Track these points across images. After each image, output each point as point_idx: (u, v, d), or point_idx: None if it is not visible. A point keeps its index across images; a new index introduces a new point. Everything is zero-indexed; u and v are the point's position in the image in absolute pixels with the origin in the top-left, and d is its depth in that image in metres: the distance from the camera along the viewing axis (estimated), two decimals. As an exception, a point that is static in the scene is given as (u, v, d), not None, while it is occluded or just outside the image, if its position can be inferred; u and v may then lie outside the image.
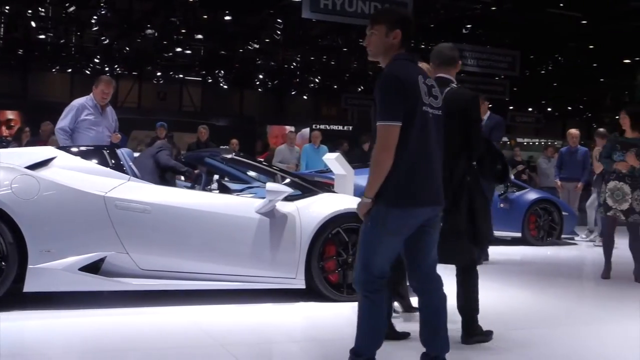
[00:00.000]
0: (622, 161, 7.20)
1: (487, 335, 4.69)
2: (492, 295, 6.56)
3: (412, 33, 3.58)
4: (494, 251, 9.19)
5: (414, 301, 4.03)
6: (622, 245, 7.82)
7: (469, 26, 19.70)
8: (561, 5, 18.57)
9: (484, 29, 21.45)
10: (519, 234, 10.29)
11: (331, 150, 12.09)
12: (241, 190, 6.84)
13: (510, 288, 6.83)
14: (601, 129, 11.16)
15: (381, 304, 3.55)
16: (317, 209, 5.75)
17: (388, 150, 3.41)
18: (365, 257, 3.50)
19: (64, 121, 7.15)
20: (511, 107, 29.89)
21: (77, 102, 7.32)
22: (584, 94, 29.96)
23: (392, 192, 3.43)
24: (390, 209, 3.46)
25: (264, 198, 5.61)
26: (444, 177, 4.40)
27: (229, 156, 6.49)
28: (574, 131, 11.95)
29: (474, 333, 4.62)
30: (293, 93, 31.88)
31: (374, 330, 3.56)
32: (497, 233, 10.05)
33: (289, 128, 24.16)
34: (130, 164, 5.88)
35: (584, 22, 19.33)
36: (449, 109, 4.44)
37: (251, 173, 7.31)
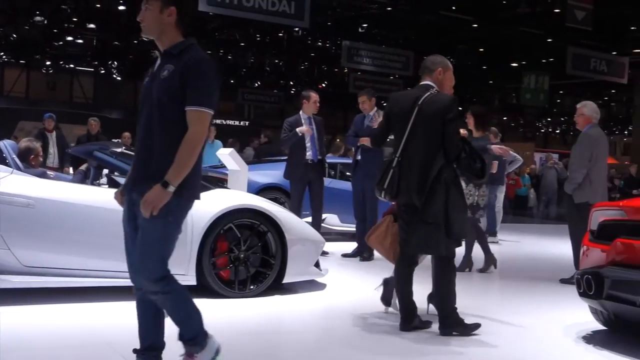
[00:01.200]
0: None
1: (467, 328, 4.84)
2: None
3: (188, 13, 3.44)
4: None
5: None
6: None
7: (365, 25, 19.99)
8: (454, 8, 19.12)
9: (380, 29, 21.82)
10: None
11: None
12: (132, 185, 6.67)
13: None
14: (493, 128, 11.54)
15: (184, 288, 3.46)
16: (209, 204, 5.67)
17: (204, 138, 3.30)
18: (165, 252, 3.33)
19: None
20: (387, 104, 30.44)
21: None
22: (473, 95, 30.96)
23: (191, 183, 3.30)
24: (188, 202, 3.37)
25: (155, 193, 5.49)
26: (423, 173, 4.72)
27: (119, 150, 6.32)
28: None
29: (451, 325, 4.80)
30: (189, 86, 31.37)
31: (192, 312, 3.46)
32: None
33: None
34: (14, 156, 5.63)
35: (475, 26, 19.97)
36: (429, 111, 4.81)
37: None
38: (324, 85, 28.04)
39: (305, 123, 8.38)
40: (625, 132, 39.66)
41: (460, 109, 5.08)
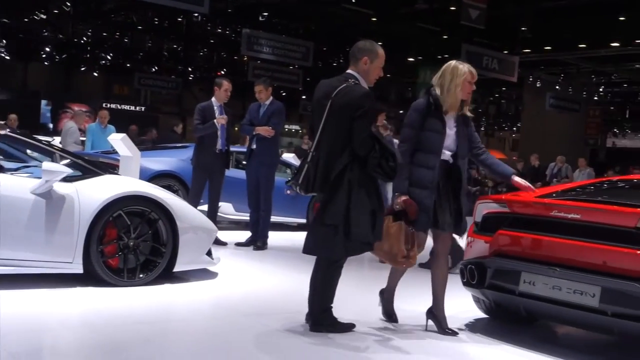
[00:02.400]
0: None
1: (341, 327, 4.74)
2: (277, 280, 6.76)
3: None
4: (279, 237, 9.42)
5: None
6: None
7: (265, 14, 19.93)
8: (354, 1, 19.33)
9: (281, 18, 21.80)
10: (304, 220, 10.59)
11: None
12: (16, 170, 6.42)
13: (295, 273, 6.99)
14: (384, 121, 11.73)
15: None
16: (98, 190, 5.54)
17: None
18: None
19: None
20: (304, 97, 30.68)
21: None
22: (372, 89, 31.39)
23: None
24: None
25: (40, 178, 5.31)
26: (328, 170, 4.53)
27: (3, 132, 6.07)
28: None
29: (324, 323, 4.70)
30: (83, 69, 30.45)
31: None
32: (283, 219, 10.31)
33: (80, 106, 23.14)
34: None
35: (374, 20, 20.26)
36: (340, 104, 4.56)
37: (29, 152, 6.89)
38: (222, 72, 27.71)
39: (216, 111, 8.29)
40: (514, 128, 41.22)
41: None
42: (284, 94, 31.15)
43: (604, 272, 4.30)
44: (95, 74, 31.30)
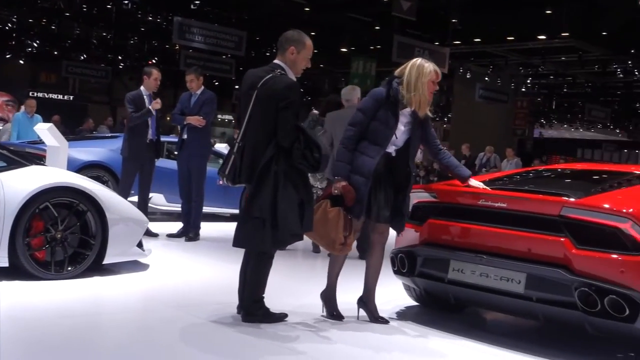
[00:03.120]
0: None
1: (272, 317, 4.73)
2: (210, 271, 6.72)
3: None
4: (212, 228, 9.36)
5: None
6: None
7: (197, 2, 19.69)
8: (286, -10, 19.30)
9: (213, 7, 21.57)
10: (237, 211, 10.54)
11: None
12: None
13: (228, 264, 6.96)
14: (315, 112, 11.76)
15: None
16: (24, 182, 5.40)
17: None
18: None
19: None
20: (236, 87, 30.49)
21: None
22: (303, 79, 31.44)
23: None
24: None
25: (-39, 169, 5.15)
26: (254, 162, 4.49)
27: None
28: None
29: (256, 313, 4.69)
30: (8, 56, 29.51)
31: None
32: (216, 210, 10.24)
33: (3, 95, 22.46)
34: None
35: (307, 10, 20.25)
36: (265, 95, 4.54)
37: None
38: (154, 61, 27.27)
39: (146, 100, 8.17)
40: (445, 119, 41.88)
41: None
42: (216, 83, 30.91)
43: (529, 259, 4.43)
44: (21, 62, 30.40)
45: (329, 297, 5.11)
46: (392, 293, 5.87)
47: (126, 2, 21.53)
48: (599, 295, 4.13)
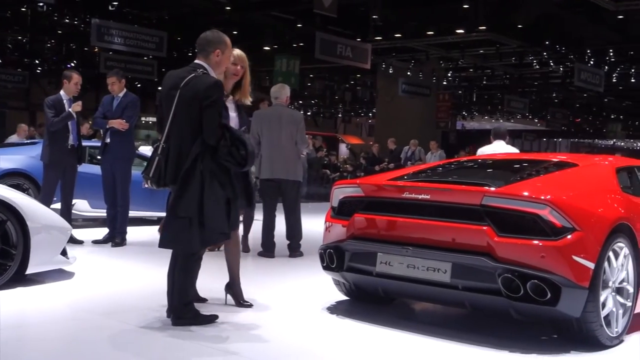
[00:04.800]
0: None
1: (202, 319, 4.71)
2: (137, 276, 6.62)
3: None
4: (138, 233, 9.22)
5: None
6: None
7: (115, 3, 19.29)
8: (207, -11, 19.11)
9: (132, 8, 21.19)
10: (163, 214, 10.40)
11: None
12: None
13: (156, 268, 6.87)
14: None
15: None
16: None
17: None
18: None
19: None
20: (159, 88, 30.03)
21: None
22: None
23: None
24: None
25: None
26: (179, 162, 4.48)
27: None
28: None
29: (185, 316, 4.66)
30: None
31: None
32: (142, 213, 10.09)
33: None
34: None
35: (228, 8, 20.11)
36: (188, 95, 4.54)
37: None
38: (73, 64, 26.61)
39: (66, 104, 7.98)
40: (370, 114, 42.32)
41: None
42: (139, 85, 30.38)
43: (454, 249, 4.54)
44: None
45: (233, 287, 5.33)
46: (322, 288, 5.92)
47: (41, 4, 20.93)
48: (522, 280, 4.26)
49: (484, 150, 8.79)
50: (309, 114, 43.82)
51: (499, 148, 8.57)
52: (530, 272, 4.25)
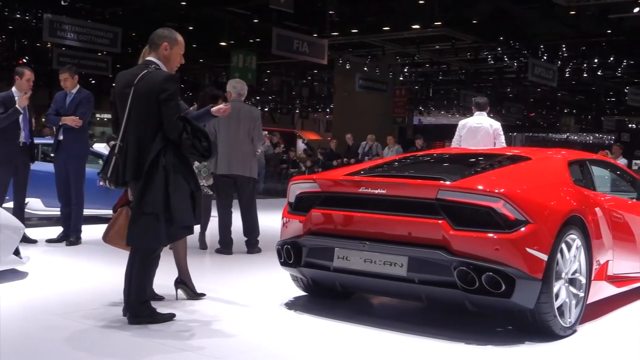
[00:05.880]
0: None
1: (159, 318, 4.67)
2: (93, 275, 6.53)
3: None
4: (93, 231, 9.08)
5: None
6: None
7: (68, -1, 18.99)
8: (161, -15, 18.92)
9: (84, 3, 20.87)
10: (120, 212, 10.28)
11: None
12: None
13: (112, 266, 6.80)
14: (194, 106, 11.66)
15: None
16: None
17: None
18: None
19: None
20: (114, 84, 29.68)
21: None
22: (183, 74, 30.99)
23: None
24: None
25: None
26: (140, 159, 4.43)
27: None
28: None
29: (141, 315, 4.61)
30: None
31: None
32: (97, 211, 9.95)
33: None
34: None
35: (183, 4, 19.93)
36: (143, 91, 4.49)
37: None
38: (24, 60, 26.11)
39: (17, 102, 7.81)
40: (327, 109, 42.37)
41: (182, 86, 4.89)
42: (93, 81, 29.99)
43: (410, 243, 4.57)
44: None
45: (184, 281, 5.38)
46: (280, 284, 5.92)
47: (-9, -1, 20.51)
48: (477, 273, 4.32)
49: (467, 122, 8.96)
50: (266, 109, 43.74)
51: (484, 121, 8.81)
52: (485, 264, 4.31)
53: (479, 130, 8.96)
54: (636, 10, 17.25)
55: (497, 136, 8.95)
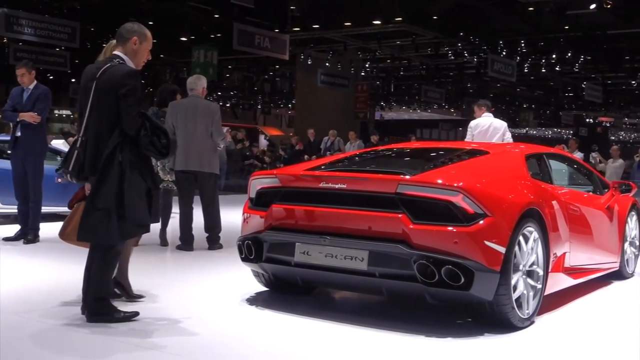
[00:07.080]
0: None
1: (120, 317, 4.59)
2: (52, 273, 6.45)
3: None
4: (52, 228, 8.97)
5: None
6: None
7: (24, -7, 18.71)
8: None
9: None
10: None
11: None
12: None
13: (71, 264, 6.71)
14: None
15: None
16: None
17: None
18: None
19: None
20: (73, 80, 29.36)
21: None
22: (143, 70, 30.63)
23: None
24: None
25: None
26: (97, 153, 4.38)
27: None
28: None
29: (100, 312, 4.54)
30: None
31: None
32: (55, 209, 9.82)
33: None
34: None
35: (143, -1, 19.78)
36: (104, 85, 4.45)
37: None
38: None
39: None
40: (290, 105, 42.33)
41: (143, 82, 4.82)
42: (51, 77, 29.54)
43: (370, 237, 4.60)
44: None
45: (122, 282, 5.22)
46: (242, 280, 5.91)
47: (-56, -7, 20.08)
48: (436, 266, 4.36)
49: (479, 122, 9.67)
50: (227, 105, 43.54)
51: (492, 121, 9.65)
52: (444, 257, 4.36)
53: (489, 128, 9.70)
54: (593, 6, 17.55)
55: (505, 132, 9.83)
